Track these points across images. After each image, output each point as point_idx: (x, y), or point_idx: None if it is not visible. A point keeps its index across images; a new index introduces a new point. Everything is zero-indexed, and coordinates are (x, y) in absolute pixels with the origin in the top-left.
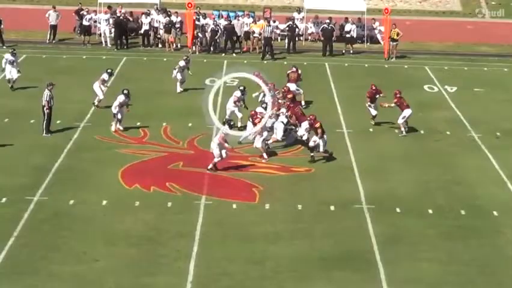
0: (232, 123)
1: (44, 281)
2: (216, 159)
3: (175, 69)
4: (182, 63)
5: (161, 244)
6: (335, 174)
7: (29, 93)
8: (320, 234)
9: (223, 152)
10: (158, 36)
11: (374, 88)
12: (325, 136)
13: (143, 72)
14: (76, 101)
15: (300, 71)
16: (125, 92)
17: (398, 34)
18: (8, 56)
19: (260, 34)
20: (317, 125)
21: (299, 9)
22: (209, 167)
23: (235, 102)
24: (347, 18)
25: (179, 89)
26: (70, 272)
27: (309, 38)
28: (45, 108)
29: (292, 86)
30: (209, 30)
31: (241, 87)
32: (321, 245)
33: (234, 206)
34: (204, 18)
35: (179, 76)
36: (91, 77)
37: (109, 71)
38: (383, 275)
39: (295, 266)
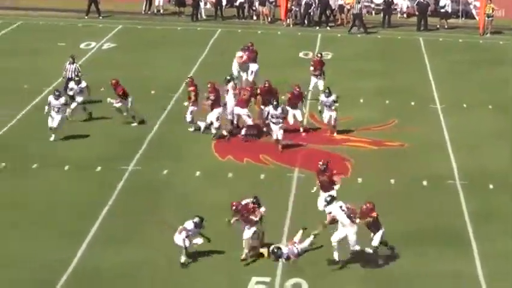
0: None
1: (138, 250)
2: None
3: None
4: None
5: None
6: (427, 150)
7: (124, 64)
8: (411, 209)
9: None
10: (253, 8)
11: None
12: None
13: (237, 44)
14: (170, 72)
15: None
16: None
17: (493, 9)
18: None
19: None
20: None
21: None
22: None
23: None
24: None
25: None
26: (163, 241)
27: (404, 12)
28: None
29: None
30: (303, 3)
31: None
32: (413, 219)
33: None
34: None
35: None
36: (185, 49)
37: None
38: (476, 250)
39: (387, 240)
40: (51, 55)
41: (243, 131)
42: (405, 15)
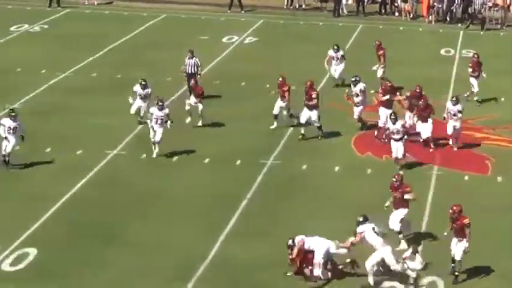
0: None
1: (275, 245)
2: None
3: None
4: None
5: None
6: None
7: (266, 59)
8: None
9: None
10: (395, 4)
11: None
12: None
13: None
14: (311, 68)
15: None
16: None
17: None
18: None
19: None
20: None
21: None
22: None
23: None
24: None
25: None
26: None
27: None
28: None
29: None
30: None
31: None
32: None
33: (466, 177)
34: None
35: None
36: (326, 44)
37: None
38: None
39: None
40: (194, 48)
41: (376, 133)
42: None
